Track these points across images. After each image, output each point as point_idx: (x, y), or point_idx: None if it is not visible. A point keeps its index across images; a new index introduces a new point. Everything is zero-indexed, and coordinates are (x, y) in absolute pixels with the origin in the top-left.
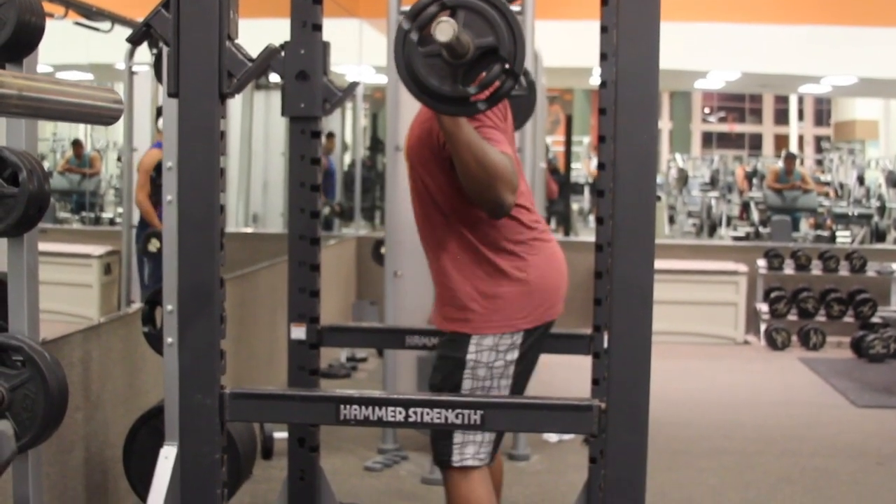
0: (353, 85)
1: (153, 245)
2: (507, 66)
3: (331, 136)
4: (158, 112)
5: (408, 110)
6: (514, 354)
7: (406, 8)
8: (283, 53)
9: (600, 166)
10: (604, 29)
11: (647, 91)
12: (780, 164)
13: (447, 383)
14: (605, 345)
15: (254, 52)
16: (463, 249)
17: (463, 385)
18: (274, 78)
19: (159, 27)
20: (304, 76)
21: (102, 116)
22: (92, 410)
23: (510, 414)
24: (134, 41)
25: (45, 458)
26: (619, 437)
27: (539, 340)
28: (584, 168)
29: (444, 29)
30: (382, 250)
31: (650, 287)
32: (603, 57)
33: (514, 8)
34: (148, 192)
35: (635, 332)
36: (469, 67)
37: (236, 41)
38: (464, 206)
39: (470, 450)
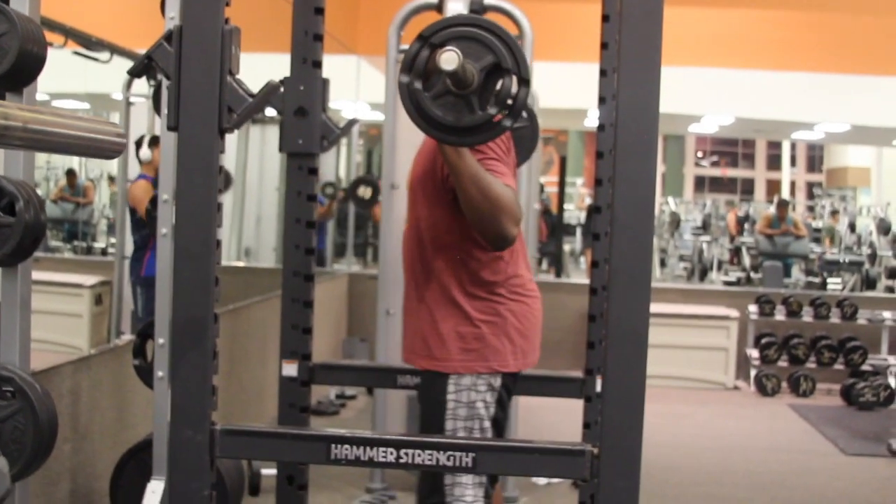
0: (352, 122)
1: None
2: (514, 75)
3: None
4: (138, 143)
5: (404, 148)
6: (493, 396)
7: (405, 46)
8: (282, 89)
9: (596, 210)
10: (603, 72)
11: (646, 135)
12: (772, 209)
13: (431, 426)
14: (599, 389)
15: (252, 85)
16: (446, 287)
17: (445, 426)
18: (270, 112)
19: (161, 60)
20: (302, 112)
21: (105, 150)
22: (80, 442)
23: (502, 457)
24: (135, 74)
25: (32, 489)
26: (612, 482)
27: (512, 386)
28: (577, 205)
29: (449, 58)
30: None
31: (645, 332)
32: (601, 100)
33: None
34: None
35: (630, 377)
36: (480, 93)
37: (237, 76)
38: (455, 243)
39: (469, 492)
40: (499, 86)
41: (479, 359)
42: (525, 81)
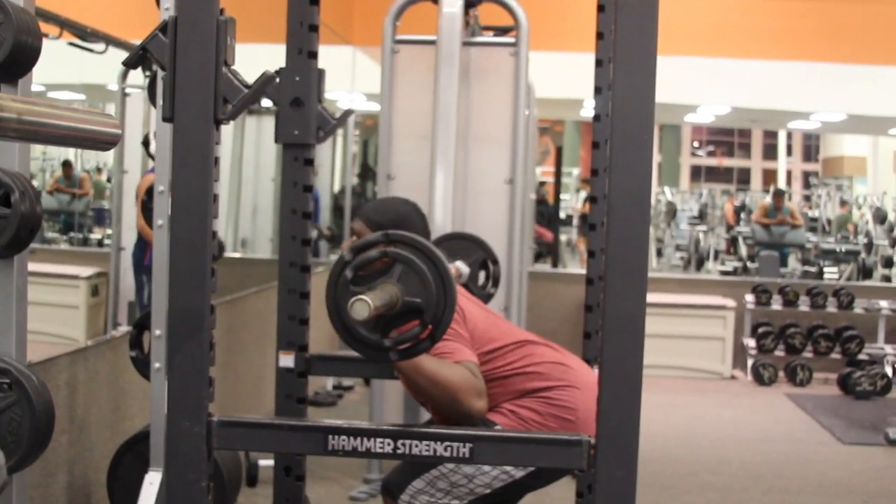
0: (347, 113)
1: None
2: (427, 329)
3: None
4: (146, 143)
5: (400, 139)
6: (529, 468)
7: (401, 37)
8: (277, 80)
9: (592, 200)
10: (598, 62)
11: (642, 125)
12: (768, 199)
13: None
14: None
15: (248, 76)
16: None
17: None
18: (266, 103)
19: (156, 51)
20: (298, 103)
21: (100, 142)
22: (77, 434)
23: (499, 447)
24: (130, 64)
25: (29, 481)
26: (609, 472)
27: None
28: (572, 201)
29: (359, 310)
30: None
31: (642, 322)
32: (597, 90)
33: (509, 40)
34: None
35: (626, 366)
36: (393, 318)
37: (232, 66)
38: (495, 385)
39: (423, 498)
40: (411, 327)
41: (537, 429)
42: (433, 339)
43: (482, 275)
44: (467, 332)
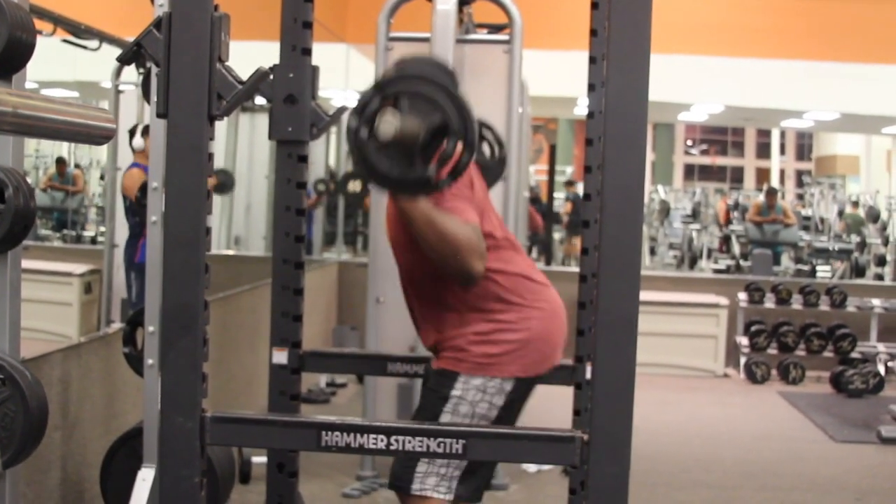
0: (341, 110)
1: None
2: (460, 139)
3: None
4: (132, 132)
5: None
6: (501, 400)
7: (395, 34)
8: (271, 76)
9: (586, 197)
10: (592, 60)
11: (636, 122)
12: (761, 198)
13: (425, 415)
14: (588, 376)
15: (242, 73)
16: (462, 303)
17: (441, 419)
18: (260, 100)
19: (150, 47)
20: (292, 100)
21: (95, 136)
22: (70, 430)
23: (492, 443)
24: (124, 61)
25: (22, 477)
26: (602, 468)
27: (527, 390)
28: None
29: (385, 127)
30: None
31: (635, 319)
32: (591, 88)
33: (503, 37)
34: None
35: (619, 363)
36: (424, 148)
37: (227, 63)
38: (446, 277)
39: (431, 480)
40: (445, 146)
41: (495, 363)
42: (470, 147)
43: (486, 147)
44: (474, 199)
